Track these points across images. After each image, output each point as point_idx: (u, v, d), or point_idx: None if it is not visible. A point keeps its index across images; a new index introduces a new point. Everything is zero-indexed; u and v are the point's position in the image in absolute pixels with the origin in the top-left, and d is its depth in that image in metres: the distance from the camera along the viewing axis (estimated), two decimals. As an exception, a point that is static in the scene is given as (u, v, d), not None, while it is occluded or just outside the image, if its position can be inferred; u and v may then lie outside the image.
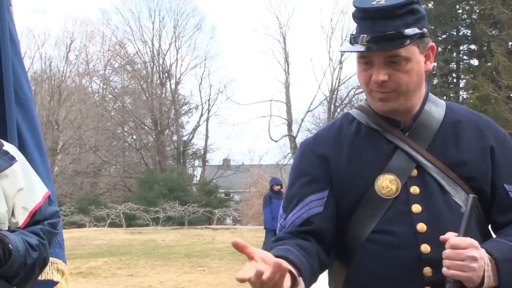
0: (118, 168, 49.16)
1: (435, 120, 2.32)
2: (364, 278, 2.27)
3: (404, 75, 2.21)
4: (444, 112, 2.35)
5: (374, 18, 2.20)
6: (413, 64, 2.22)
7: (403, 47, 2.17)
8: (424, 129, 2.31)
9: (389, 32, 2.17)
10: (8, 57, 3.56)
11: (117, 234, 26.45)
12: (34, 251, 2.37)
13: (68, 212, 34.72)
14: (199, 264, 16.20)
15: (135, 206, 34.90)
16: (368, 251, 2.26)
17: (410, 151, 2.27)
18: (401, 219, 2.21)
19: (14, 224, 2.40)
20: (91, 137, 47.51)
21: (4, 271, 2.25)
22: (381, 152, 2.30)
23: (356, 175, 2.28)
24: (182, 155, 48.84)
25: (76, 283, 12.86)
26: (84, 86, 51.69)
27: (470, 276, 2.02)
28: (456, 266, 2.03)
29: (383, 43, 2.17)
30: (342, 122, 2.44)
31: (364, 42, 2.20)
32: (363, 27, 2.22)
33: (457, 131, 2.31)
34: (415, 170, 2.26)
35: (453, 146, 2.28)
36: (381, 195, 2.25)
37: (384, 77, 2.20)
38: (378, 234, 2.24)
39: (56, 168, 45.71)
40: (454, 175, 2.23)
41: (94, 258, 17.52)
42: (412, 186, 2.24)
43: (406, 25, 2.18)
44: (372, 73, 2.23)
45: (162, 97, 49.64)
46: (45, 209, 2.51)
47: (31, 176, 2.52)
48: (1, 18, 3.54)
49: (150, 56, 50.10)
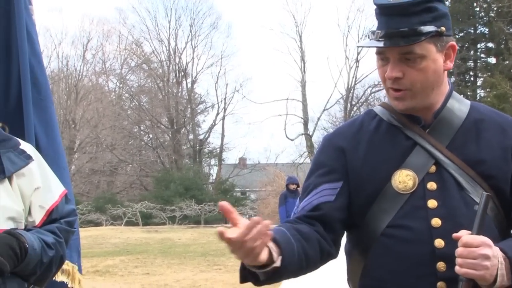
0: (134, 167, 49.30)
1: (457, 117, 2.32)
2: (379, 272, 2.28)
3: (418, 73, 2.21)
4: (467, 110, 2.34)
5: (390, 15, 2.21)
6: (428, 62, 2.21)
7: (416, 43, 2.17)
8: (445, 126, 2.30)
9: (403, 29, 2.17)
10: (25, 57, 3.57)
11: (133, 233, 26.54)
12: (51, 249, 2.37)
13: (85, 210, 34.85)
14: (215, 262, 16.21)
15: (151, 204, 35.00)
16: (383, 246, 2.26)
17: (429, 147, 2.27)
18: (417, 214, 2.21)
19: (30, 223, 2.41)
20: (108, 136, 47.68)
21: (21, 270, 2.25)
22: (400, 148, 2.31)
23: (373, 170, 2.29)
24: (198, 153, 48.92)
25: (93, 282, 12.91)
26: (100, 85, 51.90)
27: (482, 275, 2.01)
28: (468, 265, 2.01)
29: (396, 39, 2.18)
30: (364, 118, 2.46)
31: (379, 37, 2.21)
32: (380, 23, 2.24)
33: (479, 129, 2.30)
34: (433, 166, 2.26)
35: (473, 144, 2.27)
36: (397, 190, 2.26)
37: (398, 74, 2.21)
38: (393, 229, 2.24)
39: (73, 167, 45.91)
40: (473, 172, 2.22)
41: (111, 257, 17.59)
42: (430, 182, 2.24)
43: (422, 22, 2.18)
44: (387, 70, 2.24)
45: (178, 96, 49.75)
46: (62, 207, 2.52)
47: (47, 175, 2.53)
48: (19, 17, 3.55)
49: (167, 55, 50.29)
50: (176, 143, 47.92)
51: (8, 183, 2.35)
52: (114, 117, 47.93)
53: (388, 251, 2.24)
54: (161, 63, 50.65)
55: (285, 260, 2.04)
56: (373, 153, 2.33)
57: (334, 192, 2.32)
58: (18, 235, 2.24)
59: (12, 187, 2.36)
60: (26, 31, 3.59)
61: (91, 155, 47.49)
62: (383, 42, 2.20)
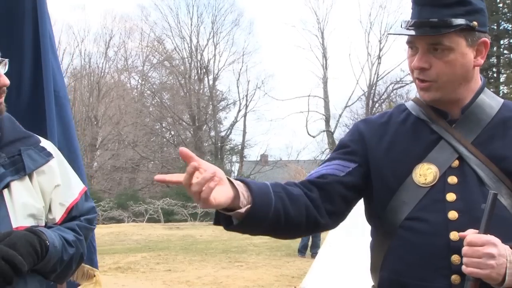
0: (156, 164, 49.44)
1: (486, 114, 2.31)
2: (397, 264, 2.29)
3: (445, 65, 2.22)
4: (498, 108, 2.33)
5: (423, 5, 2.23)
6: (456, 55, 2.21)
7: (442, 34, 2.18)
8: (472, 122, 2.30)
9: (433, 19, 2.19)
10: (48, 55, 3.58)
11: (155, 230, 26.63)
12: (71, 247, 2.38)
13: (107, 207, 35.02)
14: (236, 259, 16.24)
15: (173, 201, 35.08)
16: (401, 238, 2.27)
17: (453, 142, 2.27)
18: (434, 207, 2.22)
19: (51, 220, 2.42)
20: (130, 133, 47.86)
21: (42, 267, 2.26)
22: (424, 142, 2.32)
23: (395, 162, 2.30)
24: (219, 150, 48.99)
25: (115, 278, 12.98)
26: (122, 82, 52.10)
27: (488, 274, 2.01)
28: (473, 264, 2.02)
29: (425, 29, 2.19)
30: (393, 111, 2.48)
31: (409, 26, 2.24)
32: (413, 13, 2.27)
33: (507, 127, 2.29)
34: (456, 161, 2.26)
35: (499, 141, 2.26)
36: (417, 183, 2.27)
37: (424, 65, 2.22)
38: (411, 221, 2.25)
39: (95, 164, 46.23)
40: (496, 168, 2.21)
41: (133, 253, 17.67)
42: (451, 176, 2.25)
43: (453, 15, 2.19)
44: (414, 61, 2.26)
45: (200, 93, 49.82)
46: (82, 205, 2.53)
47: (67, 172, 2.53)
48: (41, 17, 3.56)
49: (188, 52, 50.37)
50: (197, 140, 47.99)
51: (29, 181, 2.36)
52: (136, 114, 48.08)
53: (405, 243, 2.25)
54: (183, 60, 50.77)
55: (255, 210, 2.06)
56: (397, 146, 2.35)
57: (345, 170, 2.35)
58: (39, 232, 2.24)
59: (32, 184, 2.37)
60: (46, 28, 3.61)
61: (113, 152, 47.69)
62: (412, 31, 2.22)
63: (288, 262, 15.74)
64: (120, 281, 12.56)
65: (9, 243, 2.12)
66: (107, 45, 50.64)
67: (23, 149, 2.38)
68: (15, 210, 2.27)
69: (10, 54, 2.43)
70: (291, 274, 13.37)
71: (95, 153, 47.10)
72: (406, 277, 2.24)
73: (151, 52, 51.39)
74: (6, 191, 2.27)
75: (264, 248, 18.89)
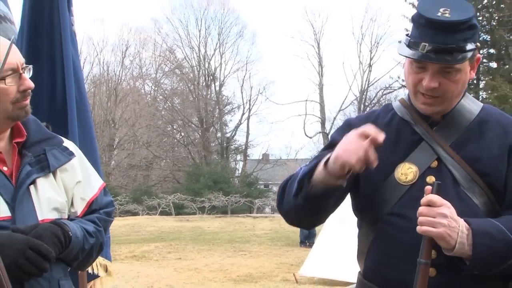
0: (168, 162, 49.44)
1: (464, 118, 2.29)
2: (379, 256, 2.29)
3: (452, 84, 2.20)
4: (477, 112, 2.31)
5: (437, 29, 2.13)
6: (462, 75, 2.20)
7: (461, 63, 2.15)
8: (451, 125, 2.28)
9: (450, 46, 2.12)
10: (70, 59, 3.57)
11: (167, 222, 26.64)
12: (91, 237, 2.38)
13: (124, 201, 35.01)
14: (240, 248, 16.24)
15: (183, 196, 35.07)
16: (382, 231, 2.27)
17: (433, 144, 2.26)
18: (414, 205, 2.18)
19: (73, 213, 2.41)
20: (144, 134, 47.85)
21: (65, 256, 2.26)
22: (407, 142, 2.30)
23: (379, 161, 2.22)
24: (225, 150, 48.97)
25: (130, 265, 12.98)
26: (137, 88, 52.06)
27: (440, 232, 2.00)
28: (428, 222, 2.01)
29: (443, 55, 2.13)
30: (380, 111, 2.46)
31: (425, 50, 2.15)
32: (424, 35, 2.16)
33: (482, 130, 2.27)
34: (435, 161, 2.25)
35: (474, 143, 2.24)
36: (398, 181, 2.26)
37: (435, 84, 2.18)
38: (392, 216, 2.24)
39: (112, 162, 46.23)
40: (470, 169, 2.19)
41: (147, 243, 17.68)
42: (429, 176, 2.23)
43: (465, 39, 2.15)
44: (422, 77, 2.20)
45: (208, 98, 49.80)
46: (101, 199, 2.52)
47: (88, 170, 2.53)
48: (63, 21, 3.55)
49: (197, 60, 50.34)
50: (205, 140, 47.97)
51: (53, 177, 2.36)
52: (149, 117, 48.08)
53: (387, 237, 2.24)
54: (192, 68, 50.73)
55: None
56: (382, 145, 2.28)
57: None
58: (63, 224, 2.24)
59: (56, 181, 2.36)
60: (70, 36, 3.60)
61: (129, 152, 47.70)
62: (428, 56, 2.14)
63: (287, 251, 15.73)
64: (135, 268, 12.57)
65: (36, 235, 2.12)
66: (124, 54, 50.67)
67: (47, 148, 2.38)
68: (41, 204, 2.27)
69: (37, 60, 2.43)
70: (290, 262, 13.36)
71: (112, 153, 47.09)
72: (387, 267, 2.24)
73: (163, 61, 51.42)
74: (32, 187, 2.27)
75: (266, 239, 18.88)
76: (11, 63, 2.21)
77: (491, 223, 2.08)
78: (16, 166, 2.29)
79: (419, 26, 2.19)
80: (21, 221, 2.18)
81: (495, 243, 2.04)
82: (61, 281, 2.32)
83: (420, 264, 2.05)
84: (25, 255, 2.06)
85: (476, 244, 2.02)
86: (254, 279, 11.26)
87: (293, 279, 10.93)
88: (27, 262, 2.06)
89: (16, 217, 2.18)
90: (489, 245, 2.03)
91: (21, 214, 2.19)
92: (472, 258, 2.03)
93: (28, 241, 2.08)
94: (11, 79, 2.22)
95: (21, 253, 2.06)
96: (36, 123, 2.45)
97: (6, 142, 2.33)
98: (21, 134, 2.36)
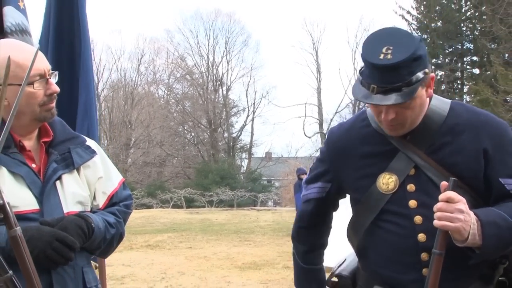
0: (179, 160, 49.43)
1: (435, 123, 2.20)
2: (373, 255, 2.28)
3: (409, 111, 2.11)
4: (446, 114, 2.22)
5: (382, 71, 2.02)
6: (417, 101, 2.10)
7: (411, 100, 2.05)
8: (423, 133, 2.20)
9: (397, 84, 2.01)
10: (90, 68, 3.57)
11: (178, 214, 26.66)
12: (112, 228, 2.38)
13: (139, 195, 35.08)
14: (245, 238, 16.23)
15: (193, 191, 35.12)
16: (374, 234, 2.25)
17: (408, 153, 2.20)
18: (401, 212, 2.18)
19: (95, 206, 2.41)
20: (158, 134, 47.85)
21: (88, 245, 2.26)
22: (384, 153, 2.25)
23: (361, 174, 2.27)
24: (231, 149, 48.97)
25: (145, 254, 12.99)
26: (152, 92, 52.05)
27: (457, 227, 1.97)
28: (446, 217, 1.97)
29: (392, 95, 2.02)
30: (354, 122, 2.39)
31: (374, 92, 2.05)
32: (372, 77, 2.06)
33: (454, 134, 2.19)
34: (413, 169, 2.20)
35: (448, 148, 2.17)
36: (381, 191, 2.22)
37: (393, 116, 2.10)
38: (380, 222, 2.23)
39: (129, 160, 46.25)
40: (448, 174, 2.13)
41: (160, 234, 17.69)
42: (409, 184, 2.19)
43: (411, 73, 2.02)
44: (381, 110, 2.12)
45: (215, 101, 49.77)
46: (120, 193, 2.52)
47: (108, 166, 2.53)
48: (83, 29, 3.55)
49: (206, 67, 50.34)
50: (213, 140, 47.98)
51: (77, 174, 2.36)
52: (162, 119, 48.09)
53: (379, 239, 2.23)
54: (201, 74, 50.72)
55: None
56: (362, 158, 2.29)
57: (324, 190, 2.45)
58: (86, 217, 2.25)
59: (80, 177, 2.37)
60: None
61: (144, 150, 47.70)
62: (380, 98, 2.04)
63: (288, 241, 15.63)
64: (149, 256, 12.58)
65: (62, 227, 2.13)
66: (139, 62, 50.67)
67: (72, 147, 2.38)
68: (66, 198, 2.27)
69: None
70: (291, 251, 13.34)
71: (129, 151, 47.10)
72: (382, 267, 2.22)
73: (175, 68, 51.40)
74: (58, 182, 2.27)
75: (268, 230, 18.87)
76: (38, 69, 2.22)
77: (495, 213, 2.06)
78: (43, 163, 2.29)
79: (366, 67, 2.09)
80: (48, 214, 2.18)
81: (501, 231, 2.03)
82: (84, 268, 2.33)
83: (435, 255, 2.00)
84: (52, 246, 2.07)
85: (485, 234, 2.01)
86: (258, 266, 11.26)
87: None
88: (54, 253, 2.07)
89: (43, 209, 2.18)
90: (496, 233, 2.02)
91: (48, 207, 2.19)
92: (482, 247, 2.01)
93: (55, 233, 2.09)
94: (38, 83, 2.22)
95: (49, 245, 2.06)
96: (61, 124, 2.45)
97: (34, 141, 2.34)
98: (48, 134, 2.36)
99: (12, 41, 2.41)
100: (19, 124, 2.24)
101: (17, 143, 2.25)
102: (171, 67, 51.19)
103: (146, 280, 9.74)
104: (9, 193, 2.00)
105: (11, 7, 3.42)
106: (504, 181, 2.13)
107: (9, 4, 3.42)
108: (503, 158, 2.14)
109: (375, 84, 2.04)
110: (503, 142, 2.16)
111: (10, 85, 2.08)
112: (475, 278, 2.19)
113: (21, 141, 2.27)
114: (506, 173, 2.14)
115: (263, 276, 10.09)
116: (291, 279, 9.71)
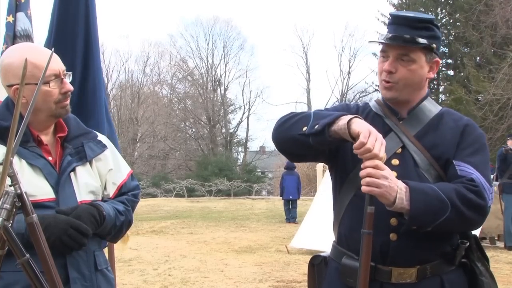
0: (181, 153, 49.39)
1: (426, 116, 2.32)
2: (349, 222, 2.29)
3: (407, 72, 2.24)
4: (437, 112, 2.35)
5: (398, 24, 2.24)
6: (417, 67, 2.24)
7: (410, 47, 2.21)
8: (415, 120, 2.31)
9: (405, 35, 2.20)
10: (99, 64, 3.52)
11: (180, 202, 26.64)
12: (121, 215, 2.38)
13: (145, 185, 35.01)
14: (242, 225, 16.24)
15: (194, 181, 35.06)
16: (353, 203, 2.27)
17: (400, 134, 2.28)
18: None
19: (106, 195, 2.42)
20: (162, 130, 47.80)
21: (100, 231, 2.27)
22: (379, 132, 2.25)
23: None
24: (229, 143, 48.94)
25: (150, 239, 12.98)
26: (156, 92, 51.92)
27: (382, 192, 2.02)
28: (374, 183, 2.02)
29: (397, 41, 2.21)
30: (361, 106, 2.47)
31: (386, 38, 2.24)
32: (389, 30, 2.28)
33: (439, 124, 2.30)
34: (400, 149, 2.27)
35: (432, 134, 2.28)
36: None
37: (392, 69, 2.24)
38: (360, 192, 2.19)
39: (136, 153, 46.19)
40: (428, 155, 2.23)
41: (164, 220, 17.67)
42: (394, 159, 2.25)
43: (420, 36, 2.22)
44: (385, 66, 2.26)
45: (214, 100, 49.69)
46: (129, 183, 2.52)
47: (118, 159, 2.54)
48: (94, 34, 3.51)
49: (205, 69, 50.21)
50: (212, 135, 47.94)
51: (89, 166, 2.37)
52: (166, 116, 48.02)
53: (356, 207, 2.22)
54: (201, 75, 50.60)
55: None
56: None
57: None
58: (98, 205, 2.25)
59: (92, 169, 2.37)
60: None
61: (149, 144, 47.67)
62: (389, 40, 2.24)
63: (280, 227, 15.74)
64: (154, 241, 12.57)
65: (76, 215, 2.14)
66: (145, 64, 50.48)
67: (85, 142, 2.39)
68: (79, 188, 2.28)
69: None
70: (283, 236, 13.36)
71: (136, 145, 47.02)
72: (356, 232, 2.20)
73: (177, 69, 51.25)
74: (72, 174, 2.27)
75: (262, 217, 18.89)
76: (54, 69, 2.22)
77: (426, 185, 2.12)
78: (59, 156, 2.29)
79: (388, 26, 2.30)
80: (63, 202, 2.18)
81: (429, 199, 2.05)
82: (96, 252, 2.34)
83: (364, 234, 2.06)
84: (67, 233, 2.08)
85: (413, 199, 2.04)
86: (253, 250, 11.27)
87: (285, 250, 10.94)
88: (69, 239, 2.09)
89: (59, 198, 2.18)
90: (423, 200, 2.05)
91: (63, 196, 2.20)
92: (410, 211, 2.04)
93: (69, 221, 2.09)
94: (54, 83, 2.23)
95: (64, 232, 2.08)
96: (75, 120, 2.46)
97: (50, 136, 2.34)
98: (63, 130, 2.36)
99: (30, 44, 2.42)
100: (36, 120, 2.24)
101: (35, 138, 2.26)
102: (174, 69, 51.12)
103: (151, 263, 9.74)
104: (28, 183, 2.01)
105: (23, 13, 3.50)
106: (457, 163, 2.19)
107: (22, 11, 3.53)
108: (464, 146, 2.24)
109: (390, 32, 2.25)
110: (470, 137, 2.27)
111: (28, 84, 2.09)
112: (436, 255, 2.21)
113: (39, 136, 2.28)
114: (461, 157, 2.21)
115: (257, 259, 10.10)
116: (283, 262, 9.75)
